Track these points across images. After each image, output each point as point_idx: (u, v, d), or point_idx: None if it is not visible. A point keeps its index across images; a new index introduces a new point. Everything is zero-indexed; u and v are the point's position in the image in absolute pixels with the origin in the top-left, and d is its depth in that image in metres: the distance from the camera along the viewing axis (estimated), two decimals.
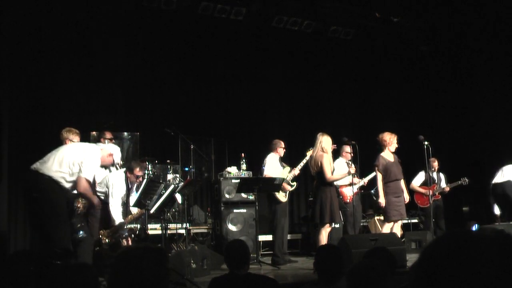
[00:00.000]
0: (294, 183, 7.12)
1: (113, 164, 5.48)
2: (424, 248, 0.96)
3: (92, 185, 5.21)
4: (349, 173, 6.63)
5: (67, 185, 4.88)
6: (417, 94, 10.45)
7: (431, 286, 0.88)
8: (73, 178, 4.86)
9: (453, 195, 8.78)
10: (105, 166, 5.54)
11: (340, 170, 7.03)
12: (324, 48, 9.94)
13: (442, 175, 8.69)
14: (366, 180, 7.73)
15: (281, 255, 6.87)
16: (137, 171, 5.95)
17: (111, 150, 5.38)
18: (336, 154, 7.19)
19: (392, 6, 9.15)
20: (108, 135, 6.52)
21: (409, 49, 10.34)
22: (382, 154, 6.71)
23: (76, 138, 5.77)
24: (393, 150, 6.73)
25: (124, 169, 6.05)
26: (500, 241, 0.88)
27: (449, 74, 10.35)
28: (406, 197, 6.83)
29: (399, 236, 6.79)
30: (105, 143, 6.39)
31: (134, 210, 6.01)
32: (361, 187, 7.88)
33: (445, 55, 10.27)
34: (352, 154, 6.90)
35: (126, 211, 5.93)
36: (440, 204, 8.55)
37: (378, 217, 8.41)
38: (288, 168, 7.10)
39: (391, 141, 6.70)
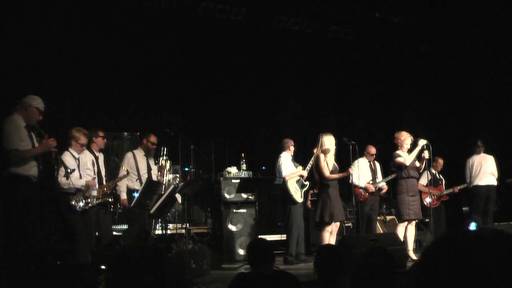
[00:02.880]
0: (307, 183, 7.13)
1: (40, 112, 4.96)
2: (424, 248, 0.96)
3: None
4: (348, 173, 6.64)
5: (24, 170, 4.68)
6: (417, 94, 10.45)
7: (431, 286, 0.88)
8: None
9: (453, 195, 8.79)
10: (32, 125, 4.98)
11: (362, 170, 7.13)
12: (324, 48, 9.94)
13: (441, 176, 8.69)
14: (385, 180, 7.70)
15: (295, 255, 6.88)
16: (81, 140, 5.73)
17: (27, 101, 4.92)
18: (360, 153, 7.21)
19: (392, 6, 9.15)
20: (101, 133, 6.43)
21: (409, 49, 10.34)
22: (398, 151, 6.76)
23: (82, 137, 5.72)
24: (406, 150, 6.76)
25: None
26: (500, 241, 0.88)
27: (449, 74, 10.35)
28: None
29: (414, 237, 6.78)
30: (97, 139, 6.31)
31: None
32: (380, 189, 7.81)
33: (445, 55, 10.28)
34: (374, 156, 6.96)
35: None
36: (442, 205, 8.57)
37: (377, 217, 8.39)
38: (300, 167, 7.11)
39: (404, 141, 6.73)
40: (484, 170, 8.13)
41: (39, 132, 4.90)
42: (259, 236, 6.95)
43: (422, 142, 6.68)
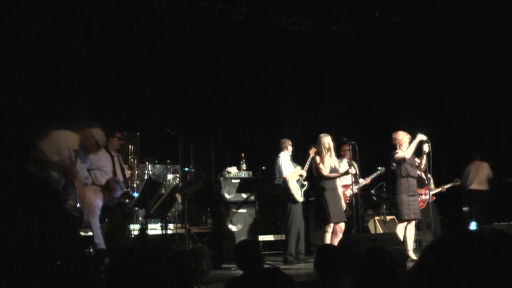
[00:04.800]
0: (306, 183, 7.13)
1: (98, 147, 5.21)
2: (424, 248, 0.96)
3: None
4: (347, 172, 6.63)
5: (44, 174, 4.88)
6: (417, 94, 10.45)
7: (431, 286, 0.88)
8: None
9: (453, 195, 8.81)
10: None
11: (342, 169, 7.09)
12: (324, 48, 9.94)
13: (429, 176, 8.70)
14: (369, 179, 7.73)
15: (295, 254, 6.87)
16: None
17: (91, 132, 5.13)
18: (337, 154, 7.22)
19: (392, 6, 9.14)
20: (118, 134, 6.56)
21: (409, 49, 10.34)
22: (396, 151, 6.75)
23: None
24: (405, 149, 6.74)
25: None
26: (499, 241, 0.88)
27: (449, 74, 10.35)
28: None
29: (414, 237, 6.78)
30: (113, 140, 6.41)
31: None
32: (363, 187, 7.86)
33: (445, 55, 10.27)
34: (350, 153, 6.93)
35: None
36: (432, 205, 8.59)
37: (377, 217, 8.41)
38: (299, 167, 7.11)
39: (402, 140, 6.71)
40: (479, 176, 8.71)
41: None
42: (259, 236, 6.97)
43: (420, 136, 6.68)
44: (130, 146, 6.95)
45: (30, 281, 4.32)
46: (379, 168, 7.56)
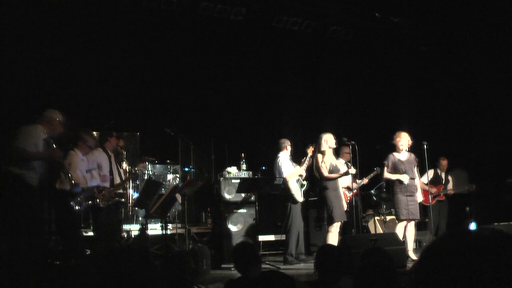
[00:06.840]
0: (305, 182, 7.13)
1: (62, 125, 5.24)
2: (424, 248, 0.96)
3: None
4: (347, 173, 6.63)
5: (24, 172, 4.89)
6: (417, 94, 10.45)
7: (431, 286, 0.88)
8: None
9: (455, 195, 8.83)
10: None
11: (342, 169, 7.08)
12: (324, 48, 9.94)
13: (449, 177, 8.79)
14: (366, 179, 7.75)
15: (295, 255, 6.87)
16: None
17: (51, 116, 5.21)
18: (335, 155, 7.21)
19: (392, 6, 9.14)
20: (114, 133, 6.57)
21: (409, 49, 10.34)
22: (394, 152, 6.75)
23: (90, 140, 5.87)
24: (406, 150, 6.78)
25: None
26: (499, 241, 0.88)
27: (449, 75, 10.34)
28: (419, 197, 6.85)
29: (414, 237, 6.78)
30: (112, 139, 6.42)
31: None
32: (361, 187, 7.88)
33: (445, 55, 10.27)
34: (351, 154, 6.92)
35: None
36: (444, 205, 8.59)
37: (377, 217, 8.41)
38: (298, 167, 7.11)
39: (402, 145, 6.72)
40: (463, 181, 8.89)
41: (48, 142, 5.05)
42: (259, 236, 6.97)
43: (403, 177, 6.69)
44: (124, 153, 6.95)
45: (30, 281, 4.32)
46: (376, 168, 7.58)
